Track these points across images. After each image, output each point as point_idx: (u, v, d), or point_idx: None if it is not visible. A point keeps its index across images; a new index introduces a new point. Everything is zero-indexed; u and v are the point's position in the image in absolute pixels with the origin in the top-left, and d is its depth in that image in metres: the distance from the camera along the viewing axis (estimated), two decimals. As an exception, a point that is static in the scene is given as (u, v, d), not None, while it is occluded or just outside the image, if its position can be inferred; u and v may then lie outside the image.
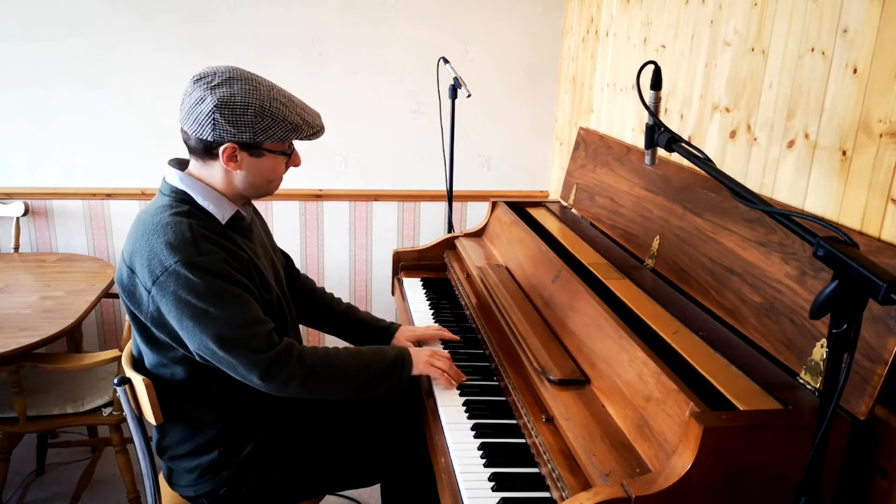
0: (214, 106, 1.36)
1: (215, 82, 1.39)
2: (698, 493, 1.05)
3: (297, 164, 1.55)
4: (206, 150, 1.43)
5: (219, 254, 1.40)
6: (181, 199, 1.45)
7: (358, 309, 1.88)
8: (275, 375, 1.42)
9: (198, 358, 1.42)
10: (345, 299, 3.21)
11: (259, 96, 1.40)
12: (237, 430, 1.54)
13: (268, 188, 1.52)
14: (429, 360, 1.60)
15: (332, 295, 1.88)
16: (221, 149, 1.41)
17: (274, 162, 1.48)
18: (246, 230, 1.55)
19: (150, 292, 1.38)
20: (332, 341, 3.12)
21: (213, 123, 1.37)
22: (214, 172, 1.46)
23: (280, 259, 1.75)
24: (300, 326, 1.77)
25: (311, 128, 1.46)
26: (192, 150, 1.46)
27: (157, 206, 1.45)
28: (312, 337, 3.27)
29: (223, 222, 1.47)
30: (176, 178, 1.46)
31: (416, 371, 1.59)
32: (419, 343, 1.82)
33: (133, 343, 1.56)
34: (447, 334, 1.84)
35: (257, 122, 1.39)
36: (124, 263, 1.43)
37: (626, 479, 1.06)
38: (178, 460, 1.55)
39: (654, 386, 1.23)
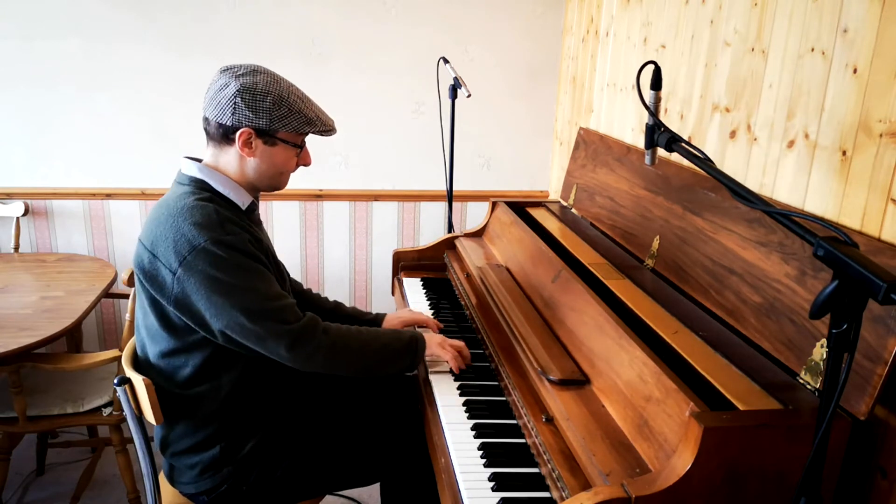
0: (237, 91, 1.44)
1: (241, 72, 1.47)
2: (698, 493, 1.05)
3: (307, 163, 1.60)
4: (224, 136, 1.49)
5: (243, 234, 1.46)
6: (201, 187, 1.50)
7: (344, 304, 1.92)
8: (302, 346, 1.47)
9: (220, 339, 1.45)
10: (345, 299, 3.25)
11: (279, 88, 1.48)
12: (239, 427, 1.55)
13: (278, 181, 1.58)
14: (441, 343, 1.68)
15: (318, 294, 1.92)
16: (238, 133, 1.47)
17: (286, 153, 1.53)
18: (258, 223, 1.62)
19: (175, 274, 1.41)
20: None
21: (234, 107, 1.44)
22: (230, 160, 1.52)
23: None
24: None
25: (324, 124, 1.54)
26: (210, 137, 1.52)
27: (178, 194, 1.50)
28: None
29: (243, 208, 1.54)
30: (194, 169, 1.52)
31: (429, 352, 1.66)
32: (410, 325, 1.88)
33: (139, 338, 1.57)
34: (431, 320, 1.90)
35: (275, 110, 1.46)
36: (145, 249, 1.46)
37: (626, 479, 1.06)
38: (179, 456, 1.56)
39: (654, 386, 1.23)
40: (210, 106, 1.47)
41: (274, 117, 1.46)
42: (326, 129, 1.55)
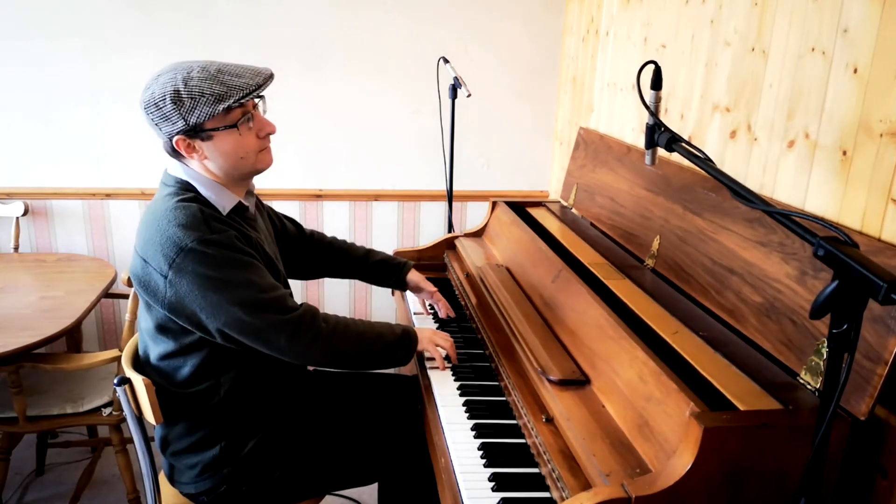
0: (144, 110, 1.42)
1: (146, 86, 1.43)
2: (698, 493, 1.05)
3: (269, 130, 1.50)
4: (172, 151, 1.48)
5: (229, 231, 1.44)
6: (185, 188, 1.48)
7: (375, 251, 1.97)
8: (302, 335, 1.46)
9: (218, 338, 1.43)
10: (344, 299, 3.25)
11: (174, 83, 1.39)
12: (239, 427, 1.55)
13: (251, 163, 1.49)
14: (432, 339, 1.71)
15: (347, 242, 1.97)
16: (175, 144, 1.44)
17: (230, 137, 1.44)
18: (250, 220, 1.58)
19: (166, 277, 1.39)
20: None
21: (154, 125, 1.43)
22: (195, 166, 1.50)
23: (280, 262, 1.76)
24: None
25: (243, 90, 1.40)
26: (170, 157, 1.51)
27: (162, 196, 1.48)
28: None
29: (224, 213, 1.48)
30: (179, 170, 1.50)
31: (420, 347, 1.67)
32: (418, 288, 1.99)
33: (141, 339, 1.57)
34: (443, 302, 2.01)
35: (180, 108, 1.38)
36: (137, 255, 1.45)
37: (626, 480, 1.06)
38: (179, 456, 1.56)
39: (654, 386, 1.23)
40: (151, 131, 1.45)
41: (184, 114, 1.38)
42: (248, 92, 1.40)
